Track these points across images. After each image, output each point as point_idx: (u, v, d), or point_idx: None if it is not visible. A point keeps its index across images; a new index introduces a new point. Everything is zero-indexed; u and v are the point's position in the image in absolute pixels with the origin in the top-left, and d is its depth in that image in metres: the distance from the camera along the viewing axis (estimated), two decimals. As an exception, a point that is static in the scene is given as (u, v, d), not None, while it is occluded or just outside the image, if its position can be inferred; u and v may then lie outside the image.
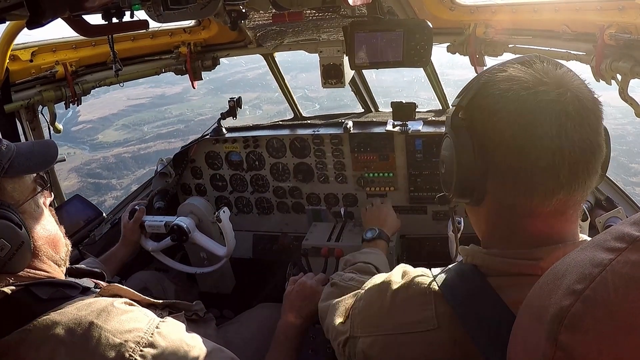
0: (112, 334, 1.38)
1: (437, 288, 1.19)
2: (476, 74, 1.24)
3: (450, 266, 1.25)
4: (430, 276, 1.25)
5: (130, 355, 1.37)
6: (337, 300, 1.64)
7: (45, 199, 1.62)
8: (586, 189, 1.06)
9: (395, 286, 1.29)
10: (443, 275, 1.22)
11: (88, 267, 1.92)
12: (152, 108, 54.16)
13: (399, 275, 1.34)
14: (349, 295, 1.59)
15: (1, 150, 1.44)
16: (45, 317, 1.38)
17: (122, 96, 53.11)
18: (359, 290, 1.48)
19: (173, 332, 1.52)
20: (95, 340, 1.36)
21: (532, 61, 1.08)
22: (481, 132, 1.09)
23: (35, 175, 1.58)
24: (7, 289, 1.40)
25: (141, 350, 1.39)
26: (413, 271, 1.32)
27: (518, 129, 1.02)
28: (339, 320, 1.51)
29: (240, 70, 54.08)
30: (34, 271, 1.51)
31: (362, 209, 3.15)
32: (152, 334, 1.44)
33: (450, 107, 1.29)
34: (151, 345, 1.42)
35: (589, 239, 1.12)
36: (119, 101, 53.22)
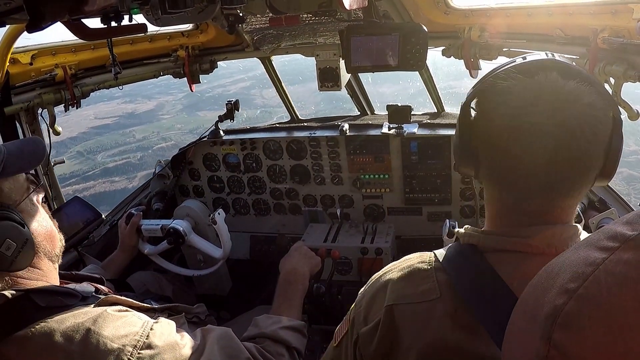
0: (109, 339, 1.41)
1: (436, 260, 1.24)
2: (472, 77, 1.30)
3: (449, 245, 1.29)
4: (429, 254, 1.30)
5: (128, 359, 1.40)
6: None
7: (38, 196, 1.64)
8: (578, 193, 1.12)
9: (397, 266, 1.32)
10: (443, 252, 1.27)
11: (88, 273, 1.95)
12: (116, 130, 47.26)
13: (397, 261, 1.36)
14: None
15: None
16: (43, 325, 1.39)
17: (90, 114, 46.86)
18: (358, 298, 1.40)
19: (166, 332, 1.56)
20: (93, 346, 1.38)
21: (536, 71, 1.10)
22: (477, 126, 1.18)
23: (26, 173, 1.60)
24: (8, 293, 1.41)
25: (139, 353, 1.42)
26: (410, 255, 1.35)
27: (505, 139, 1.08)
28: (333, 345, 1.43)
29: (223, 83, 47.63)
30: (32, 269, 1.51)
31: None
32: (147, 335, 1.47)
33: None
34: (148, 346, 1.45)
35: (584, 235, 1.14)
36: (84, 120, 46.07)
